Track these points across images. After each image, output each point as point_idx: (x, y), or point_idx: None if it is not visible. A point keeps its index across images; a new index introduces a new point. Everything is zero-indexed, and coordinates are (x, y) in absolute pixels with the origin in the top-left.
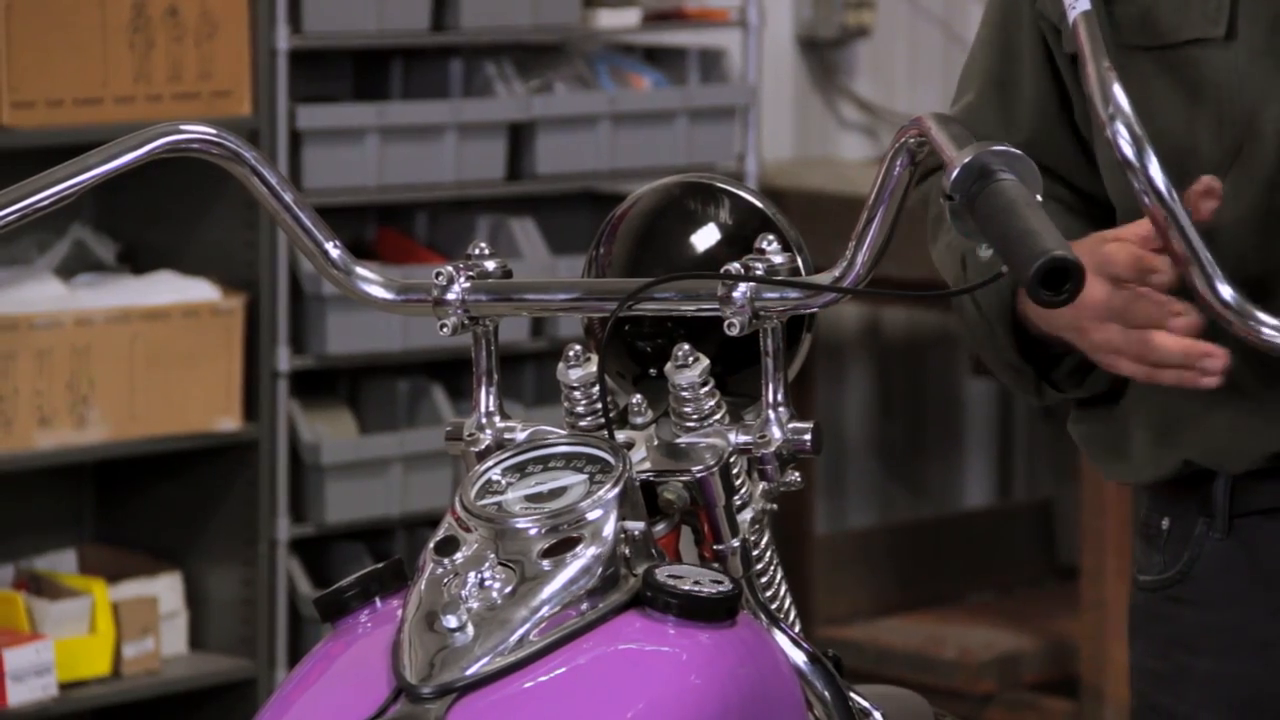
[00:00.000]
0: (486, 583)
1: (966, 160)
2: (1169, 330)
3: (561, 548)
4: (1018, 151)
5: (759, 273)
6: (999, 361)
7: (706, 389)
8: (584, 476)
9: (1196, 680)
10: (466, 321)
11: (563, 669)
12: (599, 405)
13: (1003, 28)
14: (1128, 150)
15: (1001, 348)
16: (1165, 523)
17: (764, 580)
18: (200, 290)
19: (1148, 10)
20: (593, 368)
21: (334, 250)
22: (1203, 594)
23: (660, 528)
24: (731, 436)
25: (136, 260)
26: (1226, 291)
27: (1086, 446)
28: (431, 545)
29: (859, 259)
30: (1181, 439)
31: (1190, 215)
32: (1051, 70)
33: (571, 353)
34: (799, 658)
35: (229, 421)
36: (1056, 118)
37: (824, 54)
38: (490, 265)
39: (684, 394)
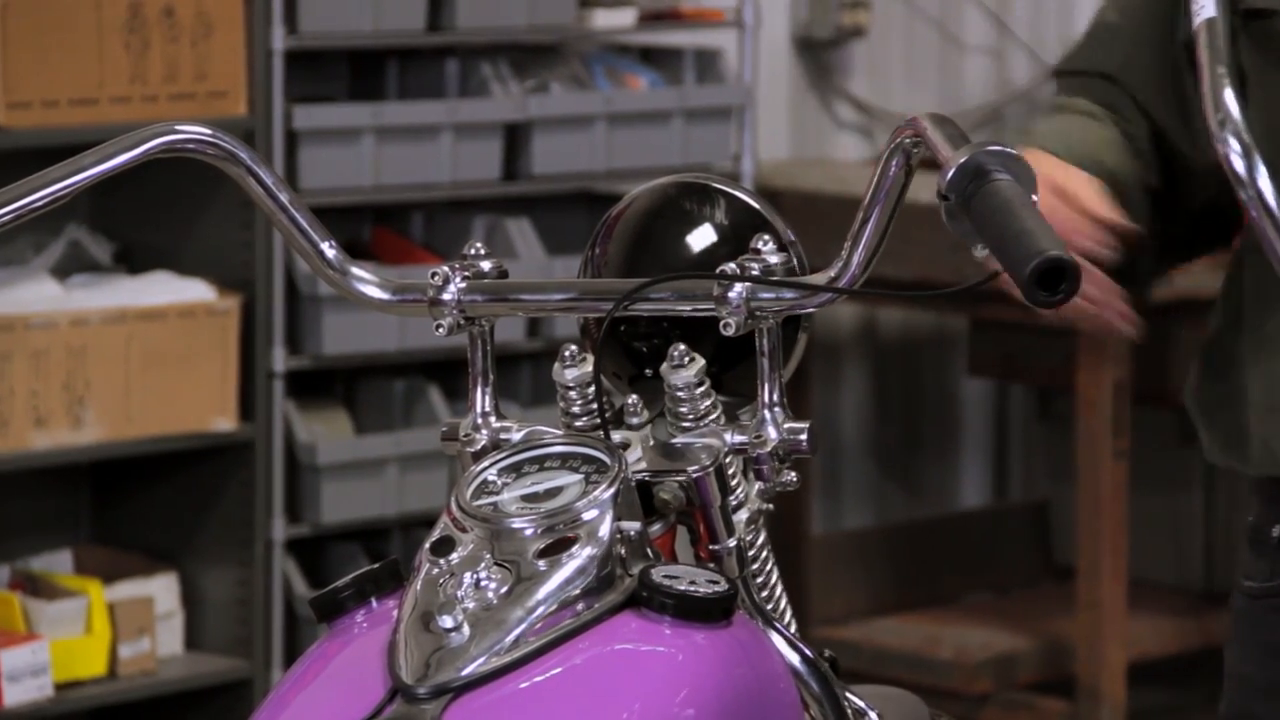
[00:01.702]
0: (482, 583)
1: (962, 161)
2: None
3: (557, 548)
4: (1013, 151)
5: (755, 273)
6: None
7: (702, 389)
8: (580, 477)
9: None
10: (462, 322)
11: (559, 669)
12: (595, 405)
13: None
14: (1237, 161)
15: None
16: (1276, 531)
17: (760, 580)
18: (196, 290)
19: None
20: (589, 368)
21: (330, 250)
22: None
23: (656, 528)
24: (727, 436)
25: (132, 261)
26: None
27: (1205, 424)
28: (427, 545)
29: (854, 259)
30: (1274, 444)
31: None
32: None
33: (567, 353)
34: (795, 658)
35: (225, 422)
36: (1160, 47)
37: (819, 54)
38: (486, 265)
39: (680, 394)
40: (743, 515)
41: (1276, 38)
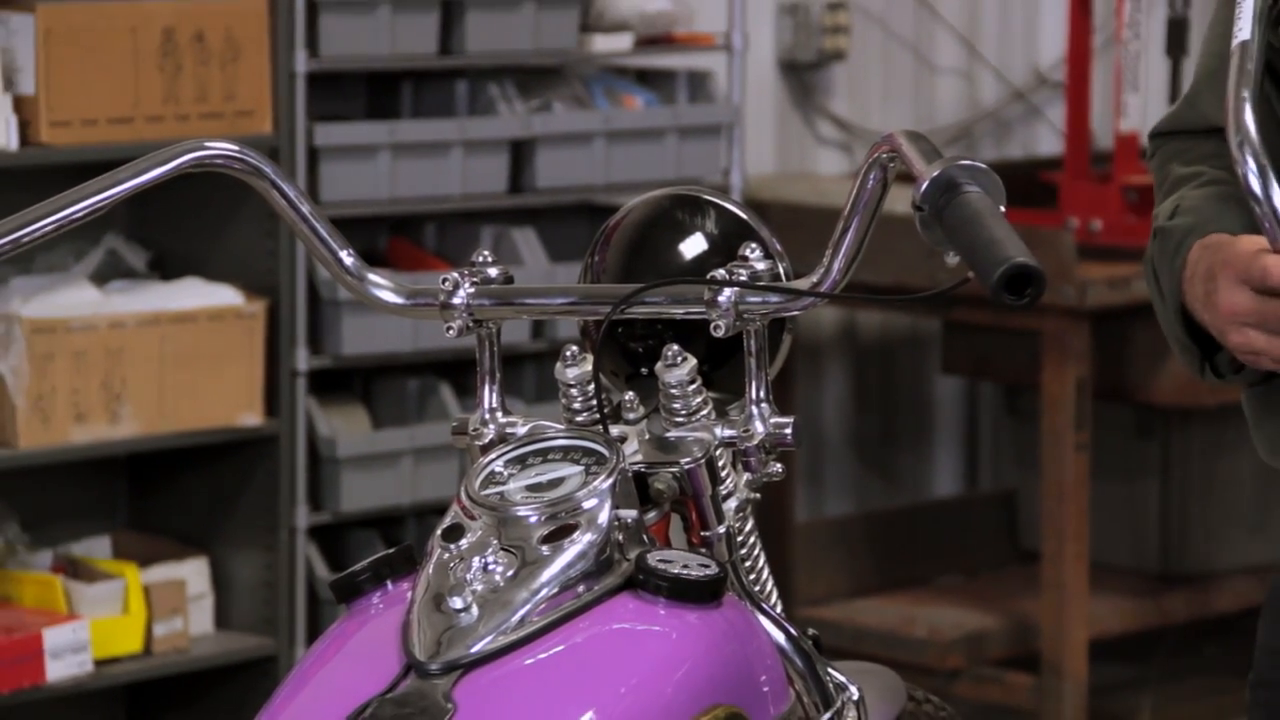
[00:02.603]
0: (490, 567)
1: (934, 174)
2: None
3: (559, 534)
4: (982, 165)
5: (743, 278)
6: (1172, 337)
7: (694, 387)
8: (580, 468)
9: None
10: (471, 324)
11: (561, 647)
12: (594, 402)
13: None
14: (1254, 181)
15: (1173, 326)
16: None
17: (748, 564)
18: (225, 295)
19: None
20: (588, 367)
21: (348, 258)
22: None
23: (651, 516)
24: (717, 431)
25: (165, 267)
26: None
27: (1255, 425)
28: (439, 532)
29: (835, 266)
30: None
31: None
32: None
33: (569, 353)
34: (780, 636)
35: (251, 417)
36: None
37: (803, 76)
38: (493, 272)
39: (673, 391)
40: (732, 504)
41: None
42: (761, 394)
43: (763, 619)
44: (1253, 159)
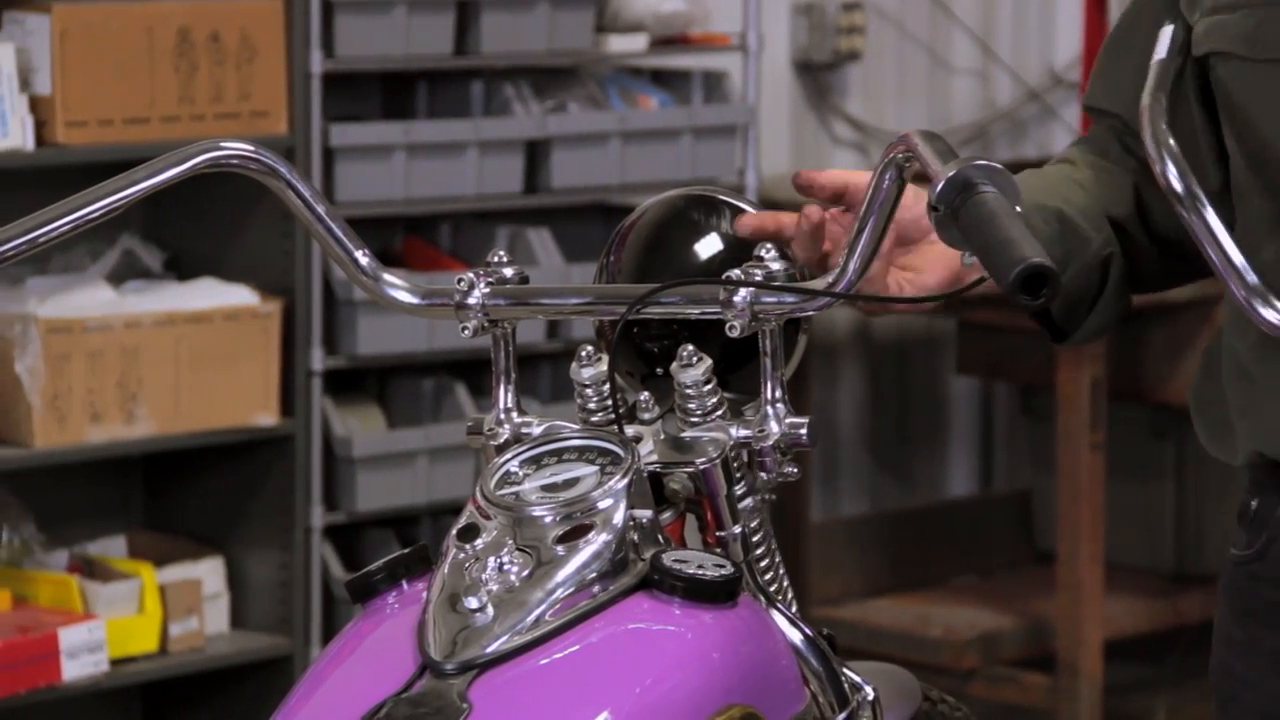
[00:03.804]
0: (505, 567)
1: (951, 174)
2: None
3: (575, 534)
4: (998, 165)
5: (758, 279)
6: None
7: (709, 387)
8: (595, 468)
9: (1265, 652)
10: (486, 324)
11: (576, 647)
12: (610, 402)
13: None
14: (1175, 182)
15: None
16: (1254, 504)
17: (763, 564)
18: (240, 295)
19: (1259, 24)
20: (604, 367)
21: (363, 258)
22: (1276, 573)
23: (666, 516)
24: (732, 431)
25: (181, 268)
26: (1264, 309)
27: (1196, 417)
28: (454, 532)
29: (851, 266)
30: (1251, 429)
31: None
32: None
33: (584, 353)
34: (795, 636)
35: (267, 417)
36: (1181, 114)
37: (818, 76)
38: (508, 272)
39: (688, 391)
40: (747, 504)
41: (1248, 36)
42: (777, 394)
43: (778, 619)
44: (1171, 161)
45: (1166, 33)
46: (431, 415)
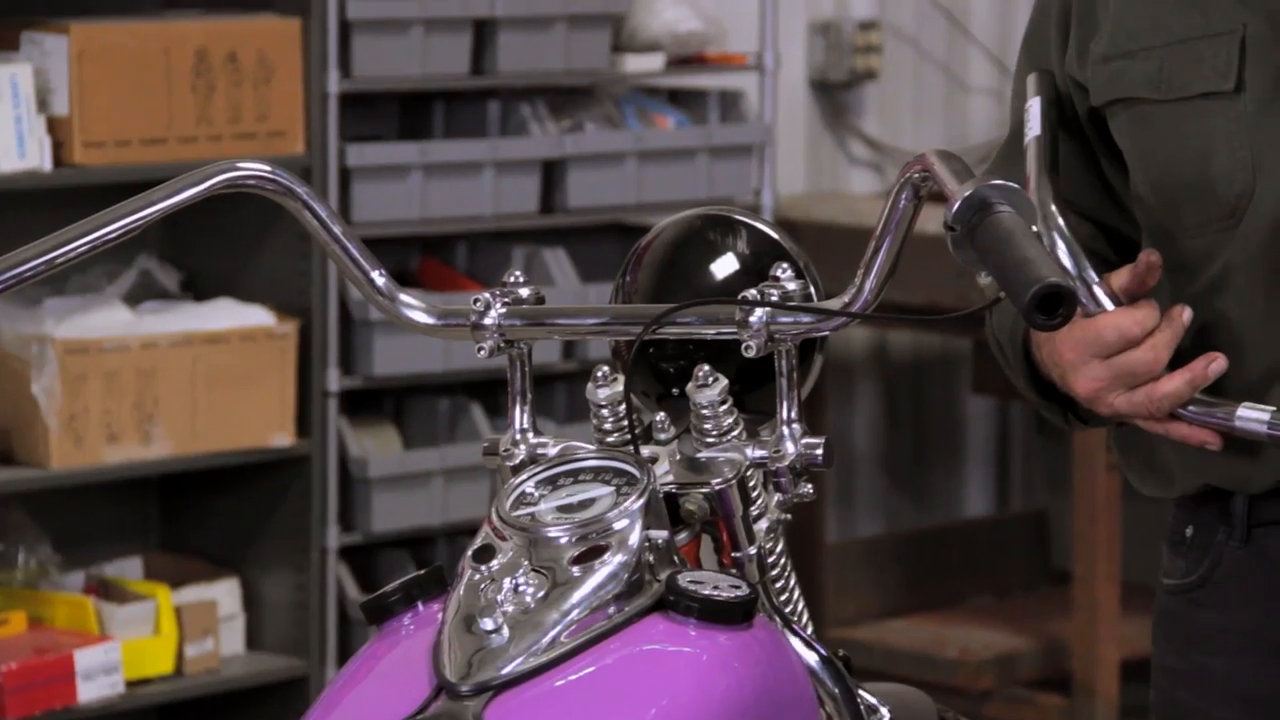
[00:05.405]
0: (520, 588)
1: (967, 194)
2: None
3: (590, 555)
4: (1014, 185)
5: (774, 299)
6: (1032, 403)
7: (725, 407)
8: (611, 489)
9: (1213, 678)
10: (502, 345)
11: (592, 668)
12: (625, 422)
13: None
14: (1065, 259)
15: (1030, 393)
16: (1189, 531)
17: (778, 585)
18: (257, 316)
19: (1161, 66)
20: (620, 387)
21: (380, 278)
22: (1221, 597)
23: (682, 536)
24: (748, 451)
25: (198, 288)
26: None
27: (1124, 461)
28: (470, 553)
29: (867, 286)
30: (1201, 465)
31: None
32: (1076, 124)
33: (600, 373)
34: (811, 657)
35: (283, 438)
36: (1080, 163)
37: (834, 95)
38: (524, 292)
39: (704, 412)
40: (763, 524)
41: (1151, 78)
42: (793, 414)
43: (793, 640)
44: (1062, 241)
45: (1035, 106)
46: (447, 436)
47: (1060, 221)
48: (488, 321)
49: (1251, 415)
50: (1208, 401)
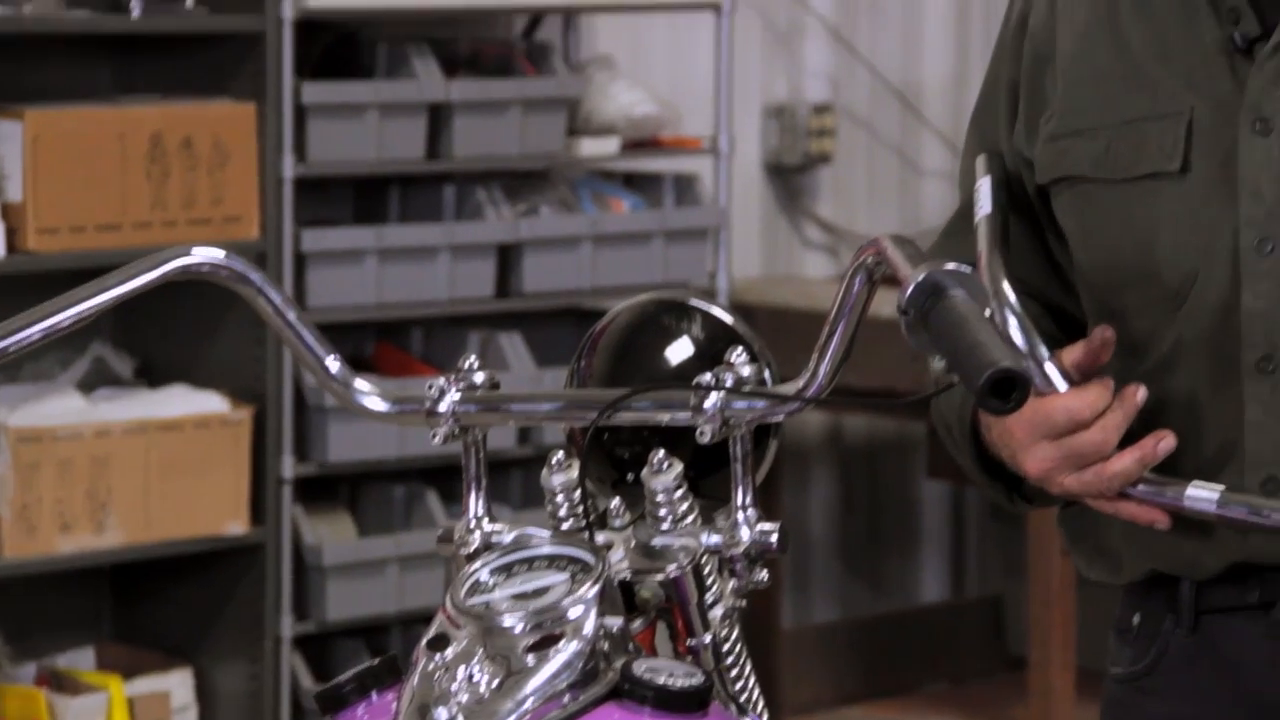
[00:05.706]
0: (475, 677)
1: (919, 279)
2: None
3: (545, 643)
4: (966, 269)
5: (728, 384)
6: (977, 482)
7: (680, 493)
8: (566, 576)
9: None
10: (457, 431)
11: None
12: (580, 509)
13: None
14: (1018, 337)
15: (976, 474)
16: (1136, 619)
17: (734, 673)
18: (211, 402)
19: (1108, 146)
20: (574, 474)
21: (334, 364)
22: (1169, 685)
23: (637, 624)
24: (703, 537)
25: (152, 375)
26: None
27: (1072, 545)
28: (424, 642)
29: (821, 370)
30: (1150, 549)
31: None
32: (1026, 202)
33: (555, 459)
34: None
35: (237, 525)
36: (1028, 243)
37: (789, 179)
38: (479, 378)
39: (659, 498)
40: (718, 611)
41: (1097, 157)
42: (747, 500)
43: None
44: (1015, 319)
45: (985, 185)
46: (403, 523)
47: (1013, 299)
48: (442, 408)
49: (1201, 495)
50: (1158, 480)
